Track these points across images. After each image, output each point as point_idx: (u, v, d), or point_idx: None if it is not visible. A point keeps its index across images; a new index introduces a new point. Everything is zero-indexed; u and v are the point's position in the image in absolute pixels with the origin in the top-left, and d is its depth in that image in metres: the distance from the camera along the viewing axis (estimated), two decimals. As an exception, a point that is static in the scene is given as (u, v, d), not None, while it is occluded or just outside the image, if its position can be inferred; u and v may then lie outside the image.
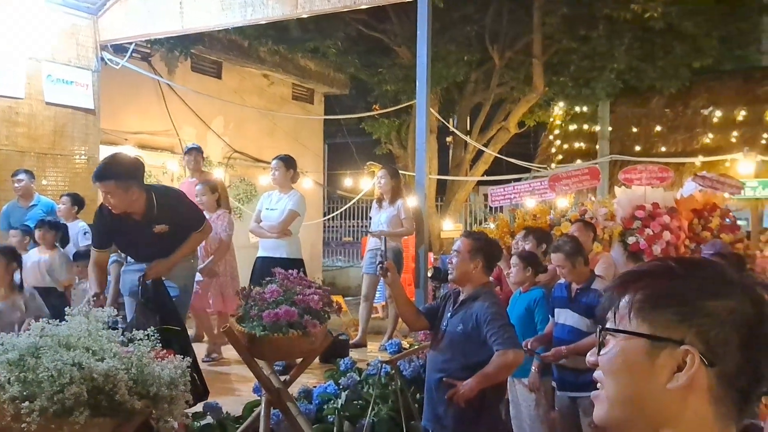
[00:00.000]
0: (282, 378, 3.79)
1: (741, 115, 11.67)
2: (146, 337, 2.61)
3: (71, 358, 2.23)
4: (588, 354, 1.10)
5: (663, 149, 11.86)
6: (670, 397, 0.99)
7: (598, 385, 1.07)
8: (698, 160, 11.21)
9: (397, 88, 12.27)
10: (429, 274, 7.54)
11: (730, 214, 7.74)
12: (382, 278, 6.60)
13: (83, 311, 2.56)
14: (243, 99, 11.43)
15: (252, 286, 3.74)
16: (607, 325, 1.06)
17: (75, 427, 2.15)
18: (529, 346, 4.37)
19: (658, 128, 12.19)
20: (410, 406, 4.67)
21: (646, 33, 11.22)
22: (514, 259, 4.95)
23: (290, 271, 3.63)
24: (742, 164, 10.46)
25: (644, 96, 12.39)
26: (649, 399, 1.00)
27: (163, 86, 10.32)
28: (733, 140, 11.36)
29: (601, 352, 1.06)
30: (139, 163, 4.47)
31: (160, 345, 2.72)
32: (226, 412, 4.35)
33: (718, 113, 11.80)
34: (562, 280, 4.67)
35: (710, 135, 11.69)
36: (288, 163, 6.33)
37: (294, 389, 4.53)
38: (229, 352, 5.99)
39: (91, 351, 2.32)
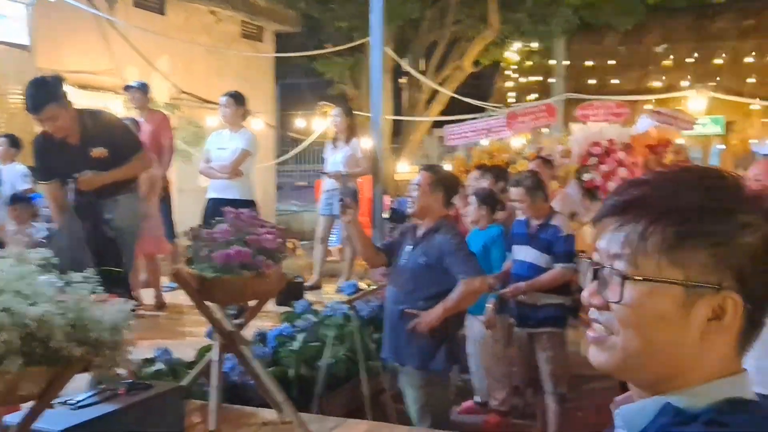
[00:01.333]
0: (236, 321, 3.66)
1: (693, 52, 11.71)
2: (85, 279, 2.43)
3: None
4: (587, 294, 0.94)
5: (617, 86, 11.86)
6: (700, 346, 0.87)
7: (597, 327, 0.93)
8: (652, 97, 11.24)
9: (350, 25, 11.92)
10: (385, 216, 7.45)
11: (684, 149, 7.80)
12: (339, 220, 6.51)
13: (14, 253, 2.36)
14: (189, 37, 10.93)
15: (202, 226, 3.57)
16: (617, 265, 0.90)
17: (6, 377, 1.98)
18: (488, 283, 4.34)
19: (613, 65, 12.16)
20: (368, 346, 4.64)
21: (603, -32, 11.10)
22: (471, 198, 4.88)
23: (241, 209, 3.46)
24: (694, 101, 10.54)
25: (599, 33, 12.31)
26: (677, 350, 0.88)
27: (104, 23, 9.77)
28: (686, 78, 11.42)
29: (612, 296, 0.90)
30: (62, 79, 4.38)
31: (102, 288, 2.56)
32: (178, 358, 4.23)
33: (671, 50, 11.81)
34: (521, 217, 4.61)
35: (663, 72, 11.72)
36: (238, 99, 6.08)
37: (248, 332, 4.42)
38: (180, 296, 5.83)
39: (22, 295, 2.14)
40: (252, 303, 3.67)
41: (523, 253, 4.49)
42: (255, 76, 12.35)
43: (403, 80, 14.73)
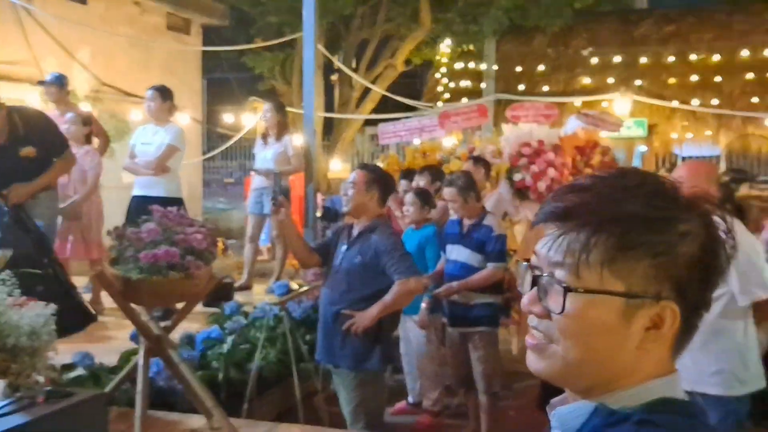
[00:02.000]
0: (162, 324, 3.51)
1: (618, 56, 12.08)
2: (1, 282, 2.27)
3: None
4: (527, 301, 0.93)
5: (546, 88, 12.11)
6: (637, 353, 0.88)
7: (536, 334, 0.92)
8: (579, 99, 11.53)
9: (280, 20, 11.73)
10: (318, 215, 7.36)
11: (610, 151, 8.01)
12: (268, 219, 6.37)
13: None
14: (111, 28, 10.51)
15: (127, 226, 3.40)
16: (558, 274, 0.89)
17: None
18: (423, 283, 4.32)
19: (542, 67, 12.42)
20: (300, 348, 4.55)
21: (532, -30, 11.33)
22: (410, 197, 4.87)
23: (169, 208, 3.31)
24: (619, 104, 10.87)
25: (529, 35, 12.54)
26: (615, 359, 0.88)
27: (21, 11, 9.27)
28: (611, 80, 11.77)
29: (553, 306, 0.89)
30: None
31: (20, 291, 2.40)
32: (100, 363, 4.07)
33: (597, 54, 12.16)
34: (454, 216, 4.62)
35: (589, 75, 12.05)
36: (164, 93, 5.87)
37: (175, 335, 4.27)
38: (103, 298, 5.58)
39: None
40: (180, 305, 3.54)
41: (456, 252, 4.49)
42: (181, 70, 11.98)
43: (334, 77, 14.62)
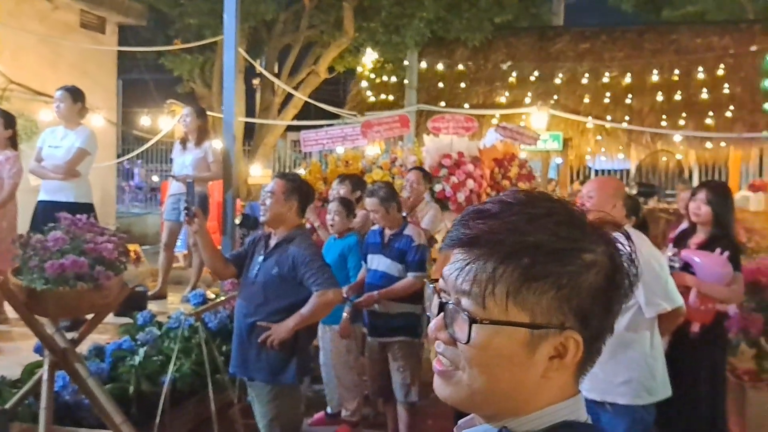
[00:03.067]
0: (70, 336, 3.35)
1: (535, 71, 12.45)
2: None
3: None
4: (433, 327, 0.93)
5: (466, 100, 12.34)
6: (542, 381, 0.90)
7: (443, 360, 0.92)
8: (498, 112, 11.82)
9: (200, 22, 11.48)
10: (237, 221, 7.22)
11: (527, 164, 8.24)
12: (185, 225, 6.20)
13: None
14: (20, 23, 10.01)
15: (32, 233, 3.23)
16: (465, 303, 0.89)
17: None
18: (343, 294, 4.30)
19: (462, 80, 12.65)
20: (216, 359, 4.43)
21: (454, -16, 11.55)
22: (334, 206, 4.84)
23: (78, 216, 3.17)
24: (536, 118, 11.20)
25: (450, 47, 12.76)
26: (520, 387, 0.89)
27: None
28: (528, 95, 12.11)
29: (459, 335, 0.89)
30: None
31: None
32: (2, 376, 3.89)
33: (515, 68, 12.49)
34: (375, 226, 4.62)
35: (508, 88, 12.36)
36: (75, 94, 5.62)
37: (84, 347, 4.09)
38: (5, 307, 5.30)
39: None
40: (90, 315, 3.39)
41: (377, 262, 4.50)
42: (95, 70, 11.54)
43: (256, 81, 14.43)
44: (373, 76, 13.46)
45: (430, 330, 0.94)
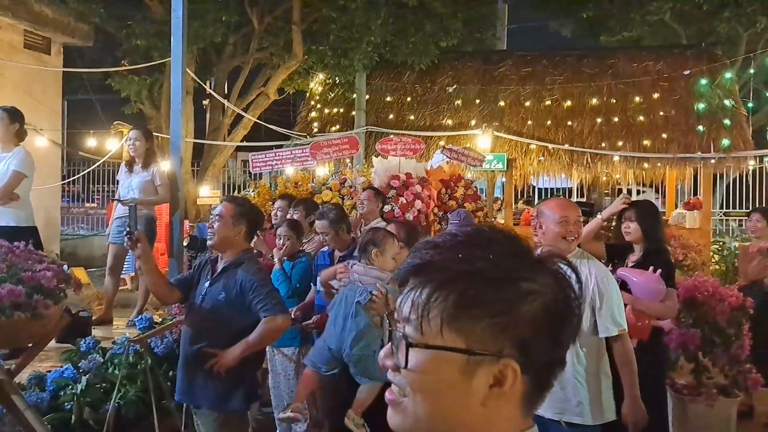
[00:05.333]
0: (7, 365, 3.27)
1: (480, 94, 12.71)
2: None
3: None
4: (383, 354, 0.95)
5: (413, 122, 12.51)
6: (484, 411, 0.90)
7: (393, 387, 0.94)
8: (444, 134, 12.01)
9: (148, 43, 11.39)
10: (185, 243, 7.15)
11: (473, 184, 8.39)
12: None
13: None
14: (-40, 42, 9.79)
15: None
16: (407, 329, 0.92)
17: None
18: (292, 316, 4.31)
19: (409, 102, 12.83)
20: (162, 386, 4.38)
21: (401, 9, 11.73)
22: (283, 230, 4.83)
23: (16, 243, 3.12)
24: (481, 140, 11.42)
25: (397, 70, 12.94)
26: (462, 416, 0.90)
27: None
28: (473, 117, 12.34)
29: (401, 360, 0.91)
30: None
31: None
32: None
33: (461, 91, 12.73)
34: (325, 248, 4.66)
35: (454, 111, 12.57)
36: (13, 115, 5.51)
37: (24, 375, 3.99)
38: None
39: None
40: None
41: (326, 284, 4.51)
42: (39, 91, 11.32)
43: (206, 102, 14.36)
44: (322, 97, 13.55)
45: (380, 358, 0.96)
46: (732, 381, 4.96)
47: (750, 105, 12.46)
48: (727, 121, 11.55)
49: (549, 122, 12.09)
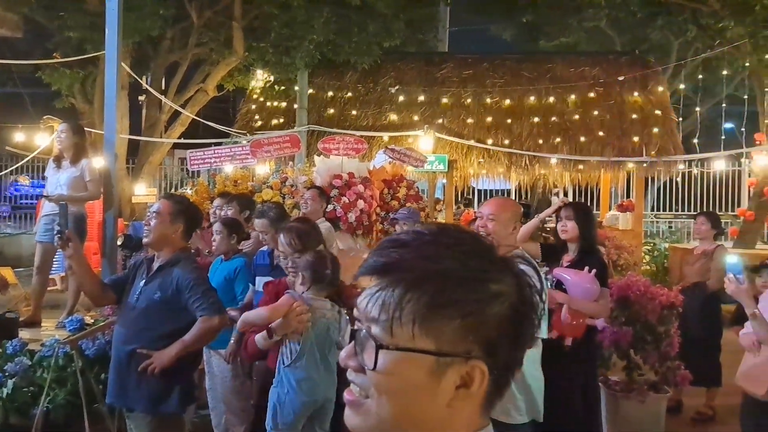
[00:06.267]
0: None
1: (422, 95, 12.81)
2: None
3: None
4: (344, 355, 0.94)
5: (356, 122, 12.52)
6: (448, 411, 0.90)
7: (353, 388, 0.92)
8: (386, 134, 12.05)
9: (81, 36, 11.01)
10: (119, 243, 6.95)
11: (415, 185, 8.44)
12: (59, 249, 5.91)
13: None
14: None
15: None
16: (374, 330, 0.90)
17: None
18: (229, 317, 4.23)
19: (352, 102, 12.82)
20: (93, 389, 4.24)
21: (343, 8, 11.70)
22: (217, 227, 4.74)
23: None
24: (423, 141, 11.51)
25: (340, 70, 12.93)
26: (426, 416, 0.90)
27: None
28: (416, 118, 12.43)
29: (367, 362, 0.89)
30: None
31: None
32: None
33: (403, 92, 12.81)
34: (264, 248, 4.59)
35: (396, 111, 12.64)
36: None
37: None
38: None
39: None
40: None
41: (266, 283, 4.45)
42: (-37, 82, 10.83)
43: (142, 98, 14.01)
44: (263, 94, 13.40)
45: (341, 358, 0.94)
46: (662, 377, 5.13)
47: (679, 118, 13.02)
48: (656, 130, 11.99)
49: (489, 124, 12.29)
